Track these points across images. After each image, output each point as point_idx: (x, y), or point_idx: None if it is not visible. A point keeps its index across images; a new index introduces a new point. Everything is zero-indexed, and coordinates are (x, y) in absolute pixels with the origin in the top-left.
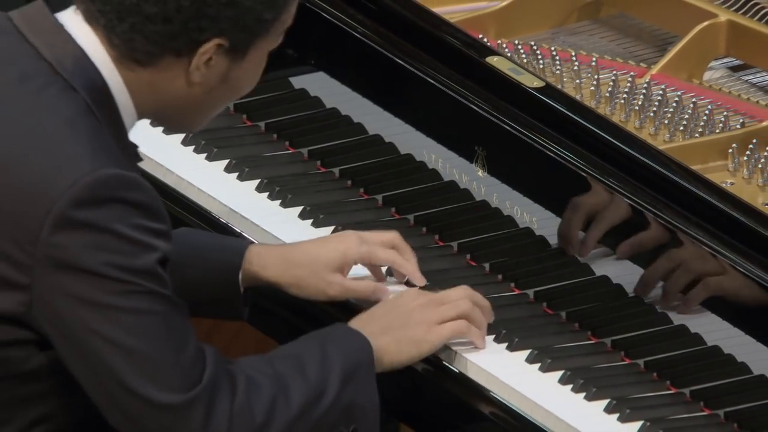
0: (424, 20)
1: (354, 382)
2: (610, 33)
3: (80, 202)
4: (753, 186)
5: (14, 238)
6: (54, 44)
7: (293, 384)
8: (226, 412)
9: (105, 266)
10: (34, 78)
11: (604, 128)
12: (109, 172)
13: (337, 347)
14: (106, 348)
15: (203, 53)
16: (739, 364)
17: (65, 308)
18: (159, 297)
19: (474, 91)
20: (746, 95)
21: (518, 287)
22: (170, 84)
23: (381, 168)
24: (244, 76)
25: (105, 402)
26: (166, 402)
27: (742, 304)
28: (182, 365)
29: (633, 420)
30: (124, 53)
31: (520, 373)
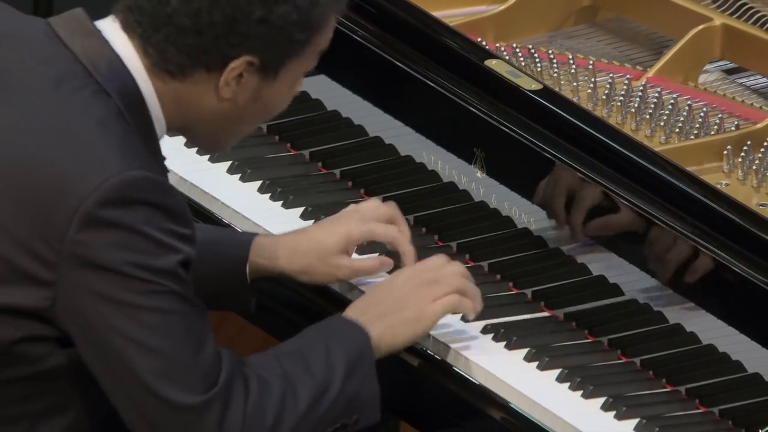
0: (423, 24)
1: (356, 374)
2: (606, 36)
3: (107, 201)
4: (747, 187)
5: (42, 234)
6: (90, 48)
7: (300, 383)
8: (240, 414)
9: (128, 265)
10: (69, 80)
11: (600, 130)
12: (137, 174)
13: (338, 342)
14: (126, 346)
15: (233, 69)
16: (734, 362)
17: (88, 305)
18: (180, 298)
19: (473, 93)
20: (741, 98)
21: (516, 287)
22: (200, 99)
23: (381, 169)
24: (275, 97)
25: (122, 401)
26: (183, 402)
27: (736, 304)
28: (200, 366)
29: (629, 417)
30: (158, 63)
31: (518, 371)
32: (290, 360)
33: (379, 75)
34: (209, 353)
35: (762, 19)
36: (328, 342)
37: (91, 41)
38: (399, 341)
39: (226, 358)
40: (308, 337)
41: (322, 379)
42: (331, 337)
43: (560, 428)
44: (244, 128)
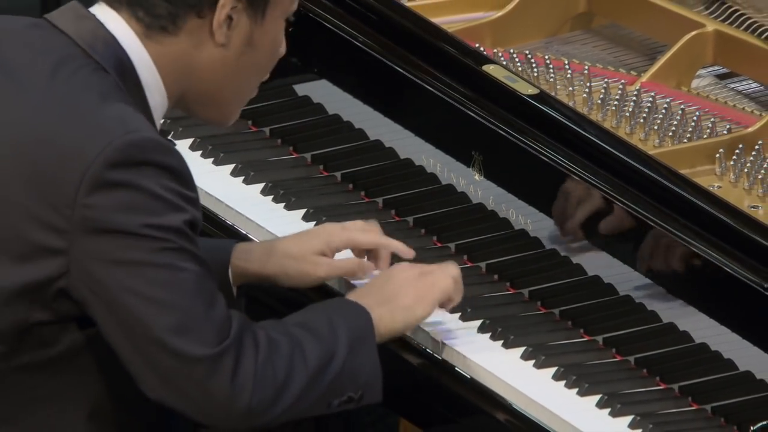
0: (423, 30)
1: (359, 350)
2: (601, 42)
3: (114, 163)
4: (739, 189)
5: (52, 204)
6: (85, 31)
7: (307, 345)
8: (252, 366)
9: (138, 225)
10: (69, 62)
11: (596, 134)
12: (143, 135)
13: (342, 318)
14: (140, 304)
15: (222, 7)
16: (726, 360)
17: (100, 269)
18: (190, 255)
19: (471, 98)
20: (732, 102)
21: (513, 287)
22: (197, 51)
23: (381, 172)
24: (266, 41)
25: (139, 365)
26: (197, 355)
27: (727, 303)
28: (212, 320)
29: (624, 414)
30: (151, 24)
31: (516, 369)
32: (296, 327)
33: (380, 80)
34: (220, 308)
35: (753, 26)
36: (332, 317)
37: (86, 24)
38: (398, 326)
39: (235, 314)
40: (312, 311)
41: (327, 344)
42: (335, 313)
43: (556, 425)
44: (245, 84)
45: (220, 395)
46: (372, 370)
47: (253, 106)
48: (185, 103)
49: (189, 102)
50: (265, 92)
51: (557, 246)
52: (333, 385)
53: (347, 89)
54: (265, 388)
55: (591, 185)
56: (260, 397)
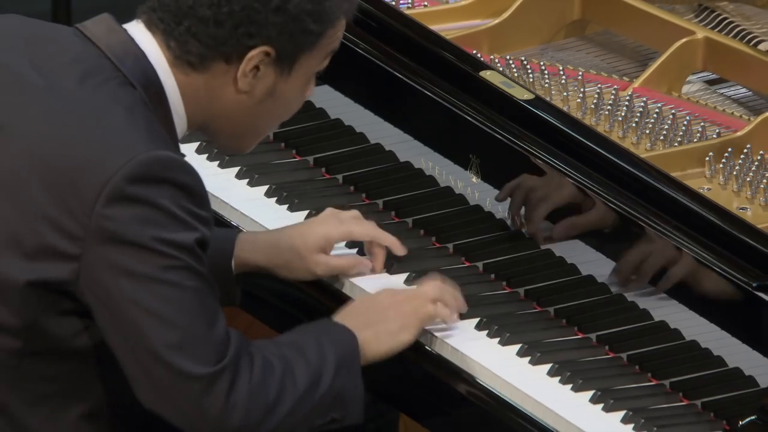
0: (421, 37)
1: (344, 372)
2: (595, 49)
3: (134, 178)
4: (728, 191)
5: (70, 210)
6: (117, 45)
7: (297, 367)
8: (246, 387)
9: (150, 239)
10: (98, 73)
11: (589, 138)
12: (163, 153)
13: (329, 339)
14: (143, 318)
15: (250, 59)
16: (715, 357)
17: (109, 278)
18: (196, 274)
19: (468, 102)
20: (722, 107)
21: (510, 286)
22: (220, 92)
23: (381, 175)
24: (290, 93)
25: (137, 374)
26: (194, 373)
27: (717, 302)
28: (212, 340)
29: (617, 410)
30: (180, 56)
31: (512, 365)
32: (287, 348)
33: (380, 85)
34: (220, 329)
35: (742, 33)
36: (320, 338)
37: (118, 38)
38: (382, 350)
39: (233, 335)
40: (301, 332)
41: (315, 367)
42: (323, 334)
43: (551, 420)
44: (262, 127)
45: (212, 413)
46: (355, 393)
47: None
48: (203, 130)
49: (205, 130)
50: None
51: (552, 246)
52: (318, 407)
53: (348, 94)
54: (256, 409)
55: (584, 187)
56: (250, 417)
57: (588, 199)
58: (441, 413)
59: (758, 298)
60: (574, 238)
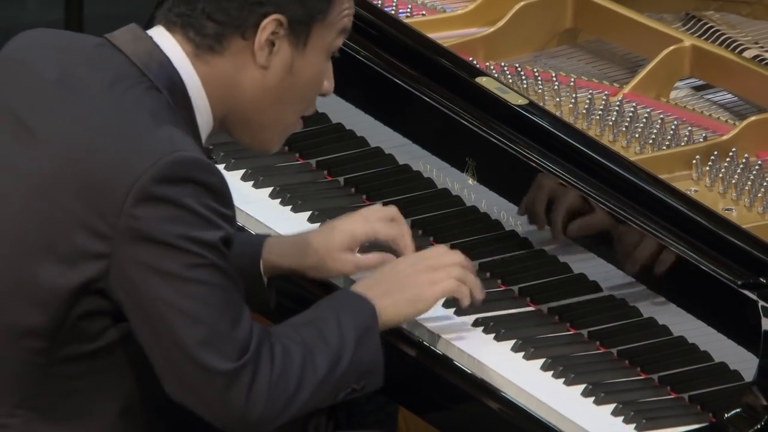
0: (420, 44)
1: (364, 344)
2: (586, 56)
3: (161, 178)
4: (714, 193)
5: (99, 210)
6: (142, 52)
7: (317, 351)
8: (267, 379)
9: (177, 238)
10: (125, 79)
11: (581, 141)
12: (188, 154)
13: (349, 313)
14: (170, 314)
15: (264, 29)
16: (702, 352)
17: (138, 276)
18: (221, 272)
19: (465, 107)
20: (708, 112)
21: (505, 284)
22: (241, 74)
23: (381, 177)
24: (308, 70)
25: (165, 368)
26: (218, 368)
27: (704, 299)
28: (235, 336)
29: (607, 403)
30: (200, 44)
31: (506, 360)
32: (307, 330)
33: (380, 91)
34: (244, 324)
35: (727, 41)
36: (339, 314)
37: (143, 45)
38: (399, 317)
39: (256, 328)
40: (321, 309)
41: (336, 348)
42: (342, 309)
43: (544, 413)
44: (285, 112)
45: (235, 406)
46: (374, 360)
47: None
48: (228, 126)
49: (230, 125)
50: None
51: (545, 246)
52: (339, 383)
53: (350, 100)
54: (277, 400)
55: (576, 189)
56: (271, 409)
57: (579, 201)
58: (438, 406)
59: (743, 296)
60: (568, 238)
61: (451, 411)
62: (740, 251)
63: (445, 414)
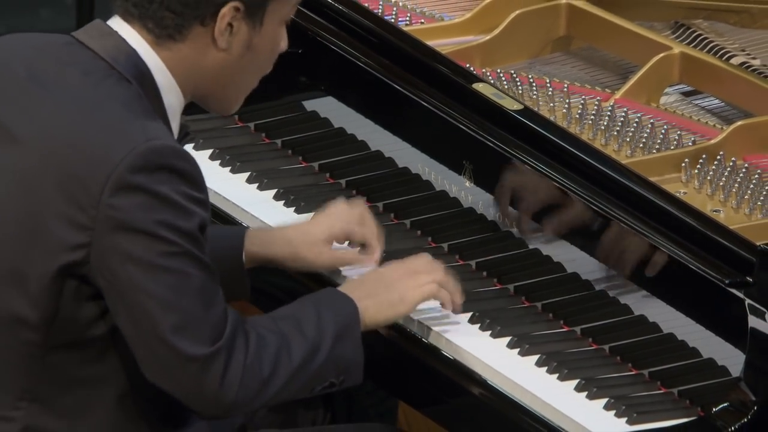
0: (418, 51)
1: (343, 340)
2: (579, 63)
3: (136, 168)
4: (703, 195)
5: (78, 202)
6: (109, 46)
7: (294, 342)
8: (240, 365)
9: (154, 225)
10: (95, 73)
11: (574, 145)
12: (161, 143)
13: (330, 310)
14: (147, 302)
15: (223, 17)
16: (691, 348)
17: (116, 264)
18: (196, 259)
19: (462, 112)
20: (697, 117)
21: (500, 282)
22: (203, 56)
23: (381, 179)
24: (265, 44)
25: (143, 353)
26: (193, 354)
27: (693, 297)
28: (209, 322)
29: (599, 397)
30: (160, 35)
31: (502, 356)
32: (285, 322)
33: (380, 96)
34: (218, 310)
35: (715, 48)
36: (320, 309)
37: (109, 40)
38: (381, 318)
39: (230, 315)
40: (303, 303)
41: (313, 340)
42: (324, 305)
43: (539, 407)
44: (247, 81)
45: (209, 390)
46: (354, 358)
47: (266, 121)
48: (195, 98)
49: (198, 98)
50: (277, 108)
51: (539, 246)
52: (315, 375)
53: (351, 105)
54: (250, 386)
55: (570, 191)
56: (245, 393)
57: (573, 202)
58: (436, 401)
59: (730, 294)
60: (560, 237)
61: (448, 405)
62: (728, 251)
63: (442, 408)
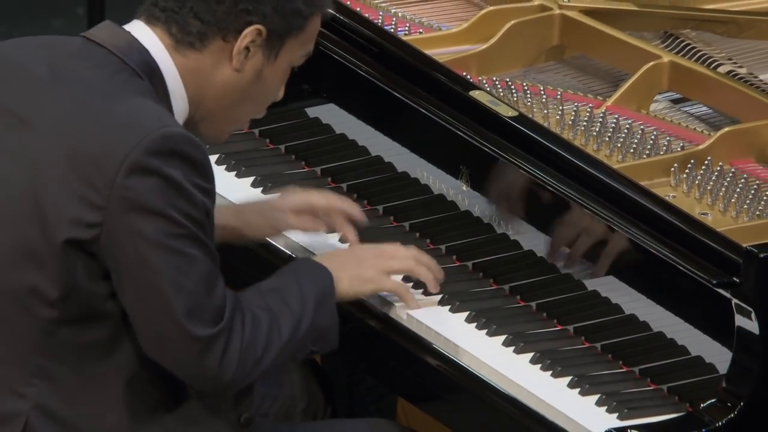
0: (417, 60)
1: (322, 308)
2: (572, 71)
3: (151, 151)
4: (691, 199)
5: (93, 184)
6: (121, 43)
7: (282, 317)
8: (238, 345)
9: (166, 207)
10: (107, 66)
11: (567, 151)
12: (175, 129)
13: (309, 279)
14: (156, 281)
15: (244, 37)
16: (680, 347)
17: (128, 243)
18: (202, 243)
19: (459, 119)
20: (685, 123)
21: (496, 283)
22: (216, 70)
23: (381, 183)
24: (273, 79)
25: (145, 329)
26: (197, 335)
27: (681, 297)
28: (212, 304)
29: (591, 394)
30: (181, 39)
31: (498, 354)
32: (271, 296)
33: (380, 104)
34: (219, 293)
35: (703, 57)
36: (300, 280)
37: (121, 38)
38: (352, 292)
39: (229, 297)
40: (284, 275)
41: (297, 313)
42: (303, 276)
43: (533, 403)
44: (246, 109)
45: (209, 369)
46: (330, 324)
47: (271, 127)
48: (196, 117)
49: (198, 116)
50: (281, 115)
51: (533, 247)
52: (299, 345)
53: (352, 112)
54: (247, 364)
55: (563, 195)
56: (241, 372)
57: (566, 206)
58: (434, 397)
59: (717, 294)
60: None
61: (446, 401)
62: (715, 253)
63: (440, 404)
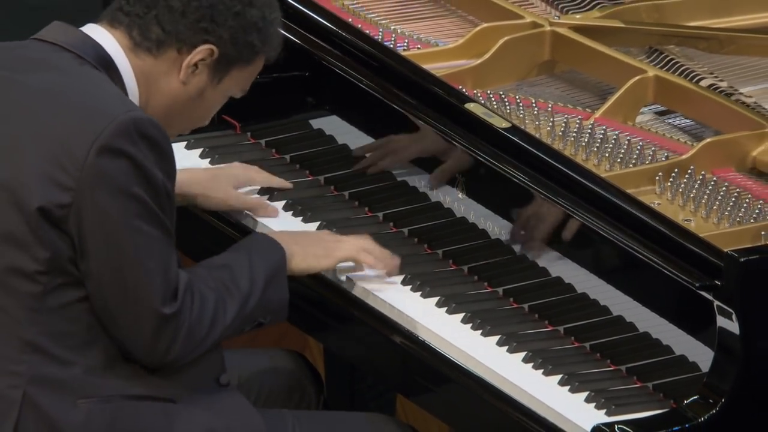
0: (415, 74)
1: (272, 284)
2: (562, 85)
3: (120, 134)
4: (675, 206)
5: (62, 165)
6: (74, 40)
7: (228, 297)
8: (186, 324)
9: (134, 187)
10: (66, 61)
11: (558, 160)
12: (142, 114)
13: (261, 257)
14: (120, 259)
15: (197, 53)
16: (665, 346)
17: (95, 220)
18: (160, 223)
19: (455, 130)
20: (669, 134)
21: (491, 285)
22: (164, 78)
23: (382, 191)
24: (211, 101)
25: (107, 303)
26: (160, 311)
27: (666, 299)
28: (168, 281)
29: (581, 391)
30: (139, 43)
31: (492, 354)
32: (221, 273)
33: (380, 115)
34: (174, 270)
35: (686, 71)
36: (251, 257)
37: (74, 35)
38: (304, 266)
39: (182, 276)
40: (235, 251)
41: (246, 291)
42: (255, 251)
43: (525, 400)
44: (182, 123)
45: (159, 346)
46: (281, 298)
47: (276, 137)
48: None
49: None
50: (286, 126)
51: (526, 252)
52: (246, 319)
53: (354, 123)
54: (191, 342)
55: (553, 202)
56: (185, 349)
57: (557, 212)
58: (432, 394)
59: (700, 297)
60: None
61: (442, 398)
62: (698, 257)
63: (437, 401)
